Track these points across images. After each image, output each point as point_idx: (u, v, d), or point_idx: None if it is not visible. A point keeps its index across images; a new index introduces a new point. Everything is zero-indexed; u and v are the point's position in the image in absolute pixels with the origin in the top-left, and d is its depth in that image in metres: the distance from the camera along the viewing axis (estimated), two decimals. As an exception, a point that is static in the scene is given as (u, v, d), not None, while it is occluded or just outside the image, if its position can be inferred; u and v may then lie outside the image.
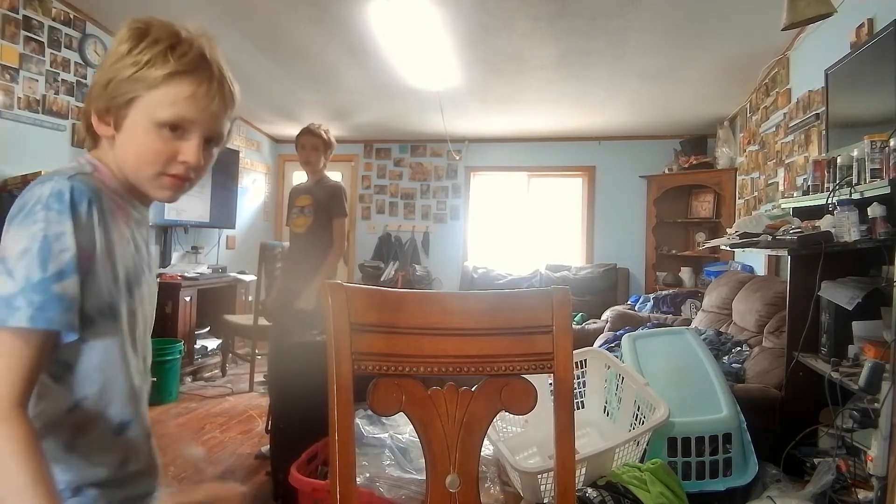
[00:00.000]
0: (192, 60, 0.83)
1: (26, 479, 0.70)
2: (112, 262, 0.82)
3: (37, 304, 0.72)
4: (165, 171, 0.86)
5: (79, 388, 0.82)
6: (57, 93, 3.87)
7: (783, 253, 2.45)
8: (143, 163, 0.85)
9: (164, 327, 4.23)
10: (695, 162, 5.41)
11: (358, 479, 1.02)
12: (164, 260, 4.91)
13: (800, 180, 3.02)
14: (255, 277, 4.55)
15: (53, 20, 3.81)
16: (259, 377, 4.46)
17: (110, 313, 0.83)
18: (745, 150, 4.71)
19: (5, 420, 0.71)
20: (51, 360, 0.78)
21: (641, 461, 1.97)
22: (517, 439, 2.22)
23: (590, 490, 1.75)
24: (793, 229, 2.33)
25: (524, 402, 0.96)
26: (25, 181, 3.22)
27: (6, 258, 0.74)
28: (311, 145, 2.97)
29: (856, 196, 2.01)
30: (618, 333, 3.81)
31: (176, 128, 0.83)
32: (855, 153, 2.10)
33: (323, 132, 3.00)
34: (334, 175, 3.73)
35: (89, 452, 0.84)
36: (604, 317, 4.77)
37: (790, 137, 3.52)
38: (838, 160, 2.25)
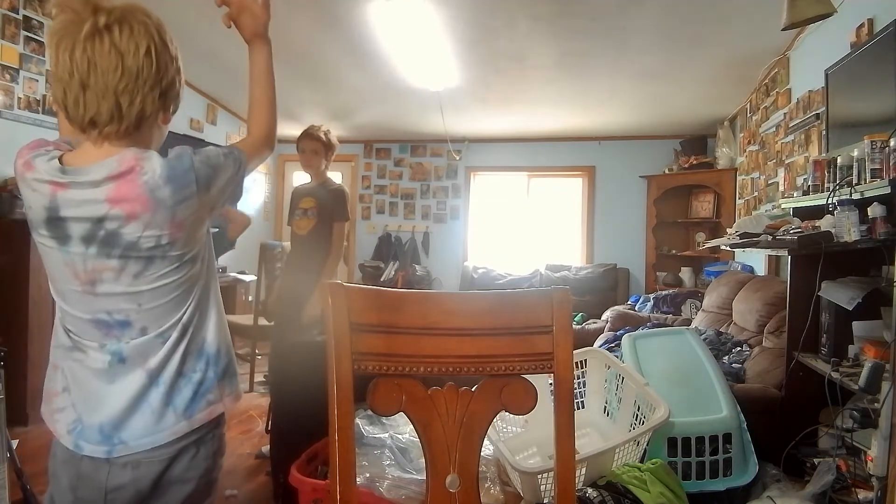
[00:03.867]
0: None
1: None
2: None
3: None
4: None
5: None
6: (57, 93, 3.87)
7: (783, 253, 2.45)
8: None
9: (165, 327, 4.22)
10: (695, 162, 5.41)
11: (358, 479, 1.02)
12: (165, 260, 4.90)
13: (800, 180, 3.02)
14: (255, 277, 4.55)
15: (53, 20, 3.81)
16: (259, 377, 4.46)
17: None
18: (745, 151, 4.71)
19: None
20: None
21: (641, 461, 1.97)
22: (517, 439, 2.22)
23: (590, 490, 1.75)
24: (793, 229, 2.32)
25: (524, 402, 0.95)
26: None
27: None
28: (311, 149, 2.94)
29: (856, 196, 2.01)
30: (618, 333, 3.81)
31: None
32: (855, 153, 2.10)
33: (322, 134, 2.96)
34: (334, 176, 3.72)
35: None
36: (604, 317, 4.77)
37: (790, 137, 3.52)
38: (838, 160, 2.25)
